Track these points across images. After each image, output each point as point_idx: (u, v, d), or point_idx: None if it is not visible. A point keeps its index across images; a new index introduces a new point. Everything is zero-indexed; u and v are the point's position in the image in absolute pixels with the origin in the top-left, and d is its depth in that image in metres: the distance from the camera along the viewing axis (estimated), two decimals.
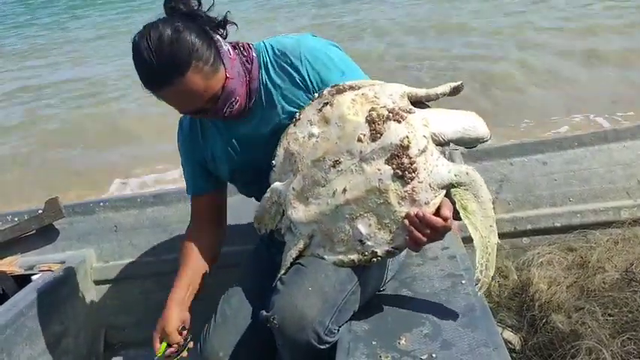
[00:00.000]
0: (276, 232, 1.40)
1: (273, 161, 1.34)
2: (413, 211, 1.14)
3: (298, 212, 1.29)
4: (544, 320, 1.63)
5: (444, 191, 1.17)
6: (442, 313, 1.33)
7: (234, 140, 1.43)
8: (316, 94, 1.30)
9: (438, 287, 1.45)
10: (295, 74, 1.34)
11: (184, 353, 1.40)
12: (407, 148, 1.15)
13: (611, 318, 1.52)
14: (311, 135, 1.27)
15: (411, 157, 1.15)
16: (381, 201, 1.18)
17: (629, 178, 1.96)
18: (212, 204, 1.58)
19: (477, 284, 1.19)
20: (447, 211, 1.14)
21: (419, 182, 1.15)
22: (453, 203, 1.18)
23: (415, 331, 1.27)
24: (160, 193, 2.14)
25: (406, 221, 1.15)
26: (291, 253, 1.33)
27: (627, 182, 1.96)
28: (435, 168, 1.16)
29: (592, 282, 1.66)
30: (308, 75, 1.33)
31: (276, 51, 1.36)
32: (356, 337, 1.29)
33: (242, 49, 1.34)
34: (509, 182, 2.00)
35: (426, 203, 1.15)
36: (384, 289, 1.48)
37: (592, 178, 1.97)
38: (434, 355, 1.18)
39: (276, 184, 1.35)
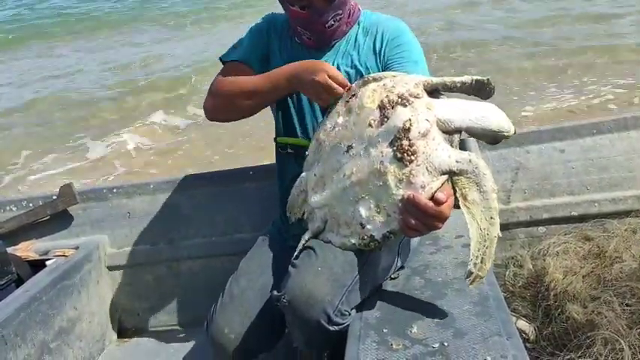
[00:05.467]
0: (303, 221, 1.42)
1: (306, 152, 1.40)
2: (406, 193, 1.12)
3: (316, 197, 1.33)
4: (559, 310, 1.61)
5: (445, 177, 1.13)
6: (455, 301, 1.31)
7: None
8: (346, 88, 1.34)
9: (451, 275, 1.44)
10: (377, 42, 1.47)
11: None
12: (408, 130, 1.14)
13: (629, 308, 1.49)
14: (336, 124, 1.31)
15: (410, 140, 1.14)
16: (381, 183, 1.17)
17: None
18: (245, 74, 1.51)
19: (467, 277, 1.14)
20: (441, 196, 1.09)
21: (417, 165, 1.13)
22: (456, 192, 1.14)
23: (427, 320, 1.26)
24: (172, 180, 2.14)
25: (399, 204, 1.14)
26: (305, 237, 1.35)
27: None
28: (434, 152, 1.13)
29: (609, 272, 1.63)
30: (384, 46, 1.46)
31: (373, 19, 1.52)
32: (367, 324, 1.28)
33: None
34: (525, 170, 1.97)
35: (422, 187, 1.12)
36: (396, 277, 1.47)
37: (610, 167, 1.92)
38: (446, 344, 1.16)
39: (305, 173, 1.39)
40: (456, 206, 1.91)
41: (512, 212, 1.97)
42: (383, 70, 1.43)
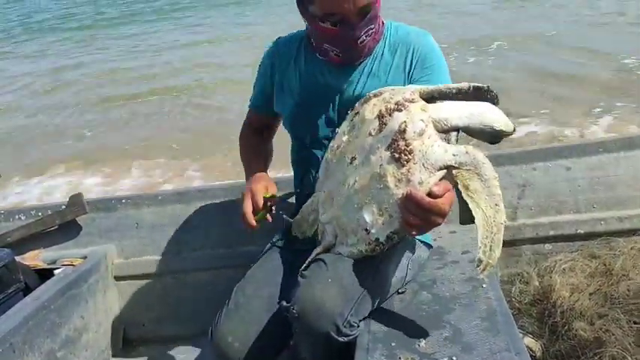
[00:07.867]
0: (309, 239, 1.44)
1: (318, 174, 1.43)
2: (405, 191, 1.14)
3: (325, 213, 1.35)
4: (566, 327, 1.60)
5: (443, 172, 1.14)
6: (463, 316, 1.32)
7: (316, 84, 1.50)
8: (351, 108, 1.36)
9: (459, 291, 1.44)
10: (406, 60, 1.44)
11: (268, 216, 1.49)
12: (404, 131, 1.16)
13: (636, 326, 1.49)
14: (341, 142, 1.33)
15: (406, 140, 1.16)
16: (381, 186, 1.19)
17: None
18: (265, 123, 1.73)
19: (478, 266, 1.10)
20: (436, 189, 1.10)
21: (414, 164, 1.15)
22: (456, 185, 1.14)
23: (435, 334, 1.26)
24: (181, 191, 2.16)
25: (399, 202, 1.15)
26: (316, 250, 1.36)
27: None
28: (429, 149, 1.15)
29: (616, 289, 1.63)
30: (413, 67, 1.43)
31: (400, 34, 1.47)
32: (375, 337, 1.29)
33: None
34: (531, 187, 1.98)
35: (419, 184, 1.13)
36: (403, 291, 1.48)
37: (617, 185, 1.93)
38: (454, 359, 1.17)
39: (317, 193, 1.41)
40: (463, 222, 1.92)
41: (519, 229, 1.98)
42: None
